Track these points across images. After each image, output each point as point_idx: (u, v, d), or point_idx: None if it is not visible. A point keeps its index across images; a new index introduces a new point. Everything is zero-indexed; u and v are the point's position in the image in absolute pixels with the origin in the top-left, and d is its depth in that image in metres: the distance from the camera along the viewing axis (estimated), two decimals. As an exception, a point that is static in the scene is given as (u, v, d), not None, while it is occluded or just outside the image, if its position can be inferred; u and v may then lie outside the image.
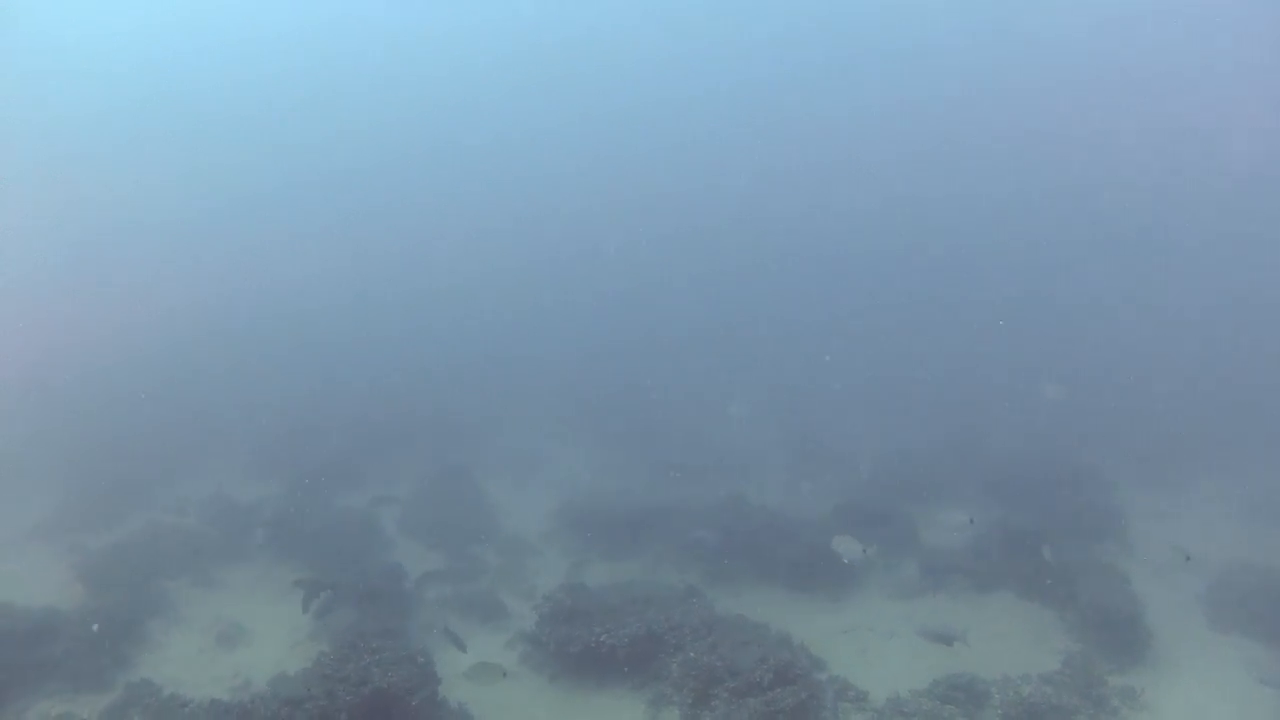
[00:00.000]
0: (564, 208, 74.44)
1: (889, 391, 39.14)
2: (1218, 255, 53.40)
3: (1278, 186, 54.93)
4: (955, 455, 28.75)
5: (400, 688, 13.01)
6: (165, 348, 43.33)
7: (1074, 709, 13.87)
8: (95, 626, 15.84)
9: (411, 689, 13.19)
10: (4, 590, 16.95)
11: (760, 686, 13.53)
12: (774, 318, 54.31)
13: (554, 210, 74.31)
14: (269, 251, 64.61)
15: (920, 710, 13.95)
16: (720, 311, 56.38)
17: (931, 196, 66.75)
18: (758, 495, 24.33)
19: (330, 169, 76.01)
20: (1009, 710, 13.56)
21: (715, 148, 75.78)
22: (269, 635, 17.52)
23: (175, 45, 74.01)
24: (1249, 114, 56.20)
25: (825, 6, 70.29)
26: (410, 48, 78.81)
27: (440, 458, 28.74)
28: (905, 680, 14.86)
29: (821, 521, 22.13)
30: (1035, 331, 47.41)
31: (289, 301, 54.72)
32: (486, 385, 41.07)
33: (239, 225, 67.67)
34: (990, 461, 27.87)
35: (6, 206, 56.58)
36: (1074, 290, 53.33)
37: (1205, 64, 57.98)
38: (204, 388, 38.23)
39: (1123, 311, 48.97)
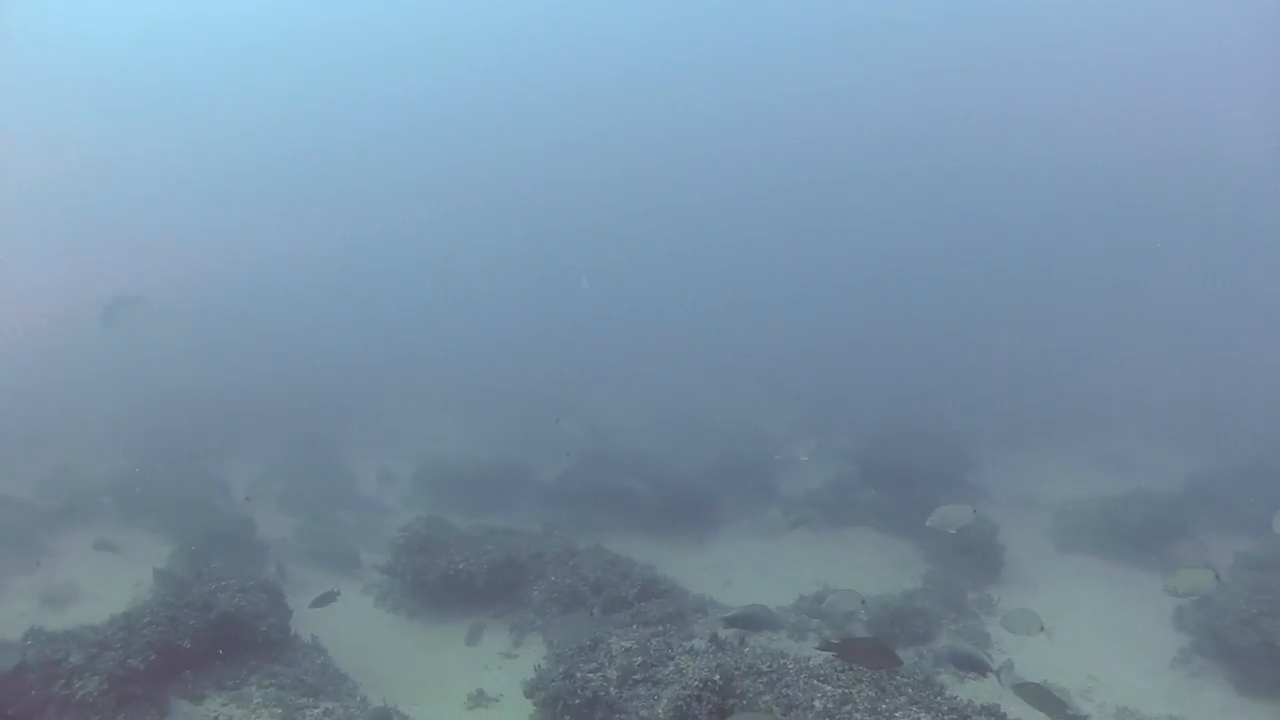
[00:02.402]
0: (453, 204, 73.29)
1: (766, 368, 39.66)
2: (1090, 241, 56.27)
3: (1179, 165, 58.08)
4: (824, 417, 29.33)
5: (248, 613, 12.10)
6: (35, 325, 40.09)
7: (937, 615, 14.07)
8: None
9: (260, 614, 12.30)
10: None
11: (625, 601, 13.19)
12: (660, 305, 54.62)
13: (444, 206, 73.01)
14: (157, 233, 60.72)
15: (788, 623, 13.84)
16: (604, 301, 56.14)
17: (810, 180, 68.40)
18: (624, 453, 24.10)
19: (220, 160, 72.44)
20: (875, 615, 13.60)
21: (594, 140, 75.96)
22: (106, 595, 15.97)
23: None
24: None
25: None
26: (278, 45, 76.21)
27: (301, 432, 27.48)
28: (771, 601, 14.74)
29: (689, 475, 22.17)
30: (908, 308, 49.18)
31: (177, 286, 51.34)
32: (356, 373, 39.52)
33: (134, 209, 63.79)
34: (858, 419, 28.58)
35: None
36: (949, 270, 55.48)
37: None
38: (70, 367, 35.48)
39: (989, 291, 51.03)
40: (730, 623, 11.24)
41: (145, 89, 71.16)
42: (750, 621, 11.24)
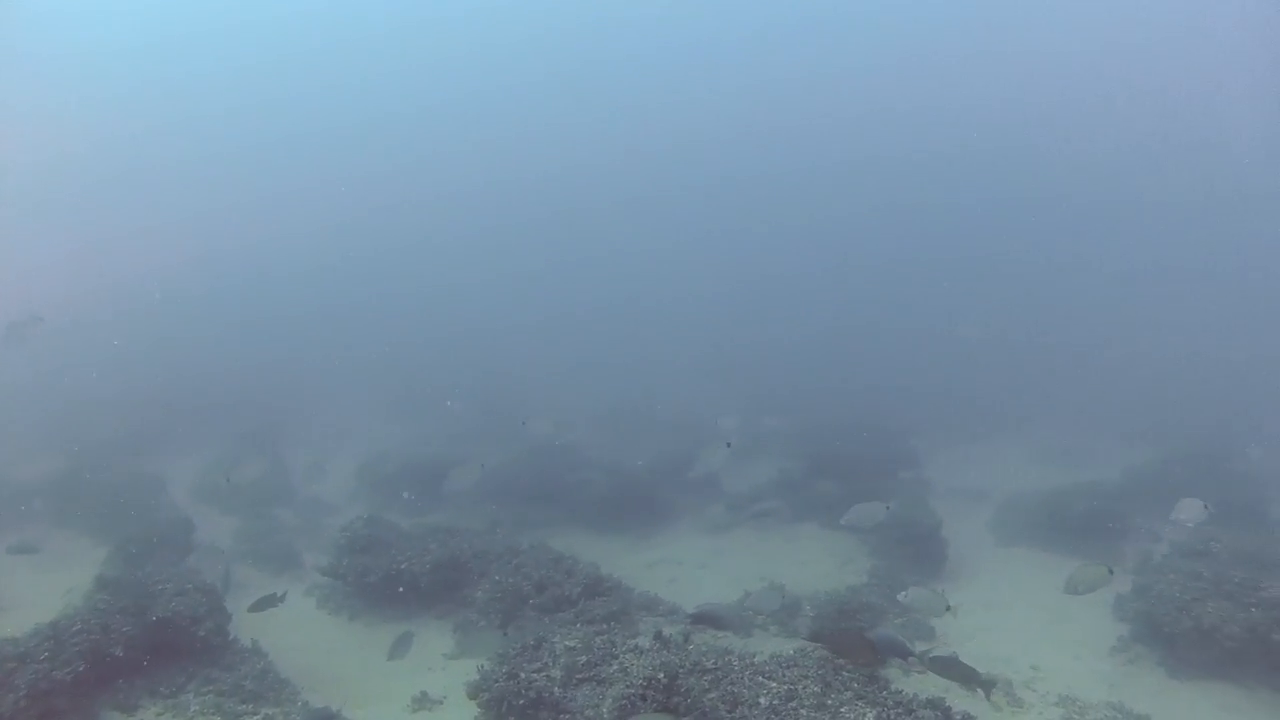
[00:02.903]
0: (408, 197, 72.68)
1: (717, 362, 39.77)
2: (1042, 233, 57.09)
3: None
4: (767, 412, 29.39)
5: (184, 617, 11.72)
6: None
7: (881, 609, 14.14)
8: None
9: (197, 619, 11.92)
10: None
11: (569, 600, 13.07)
12: (619, 299, 54.61)
13: (399, 200, 72.26)
14: (95, 232, 59.09)
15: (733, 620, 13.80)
16: (563, 296, 56.13)
17: (770, 173, 68.61)
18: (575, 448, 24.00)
19: (162, 154, 70.56)
20: (820, 609, 13.64)
21: (551, 135, 75.78)
22: (36, 603, 15.41)
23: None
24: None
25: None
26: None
27: (242, 430, 26.94)
28: (716, 598, 14.72)
29: (632, 471, 22.13)
30: (857, 301, 49.62)
31: (115, 286, 49.92)
32: (299, 370, 38.86)
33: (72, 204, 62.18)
34: (805, 411, 28.73)
35: None
36: (900, 262, 56.04)
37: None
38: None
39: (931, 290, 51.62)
40: (695, 620, 11.22)
41: (105, 76, 69.42)
42: (714, 620, 11.23)
